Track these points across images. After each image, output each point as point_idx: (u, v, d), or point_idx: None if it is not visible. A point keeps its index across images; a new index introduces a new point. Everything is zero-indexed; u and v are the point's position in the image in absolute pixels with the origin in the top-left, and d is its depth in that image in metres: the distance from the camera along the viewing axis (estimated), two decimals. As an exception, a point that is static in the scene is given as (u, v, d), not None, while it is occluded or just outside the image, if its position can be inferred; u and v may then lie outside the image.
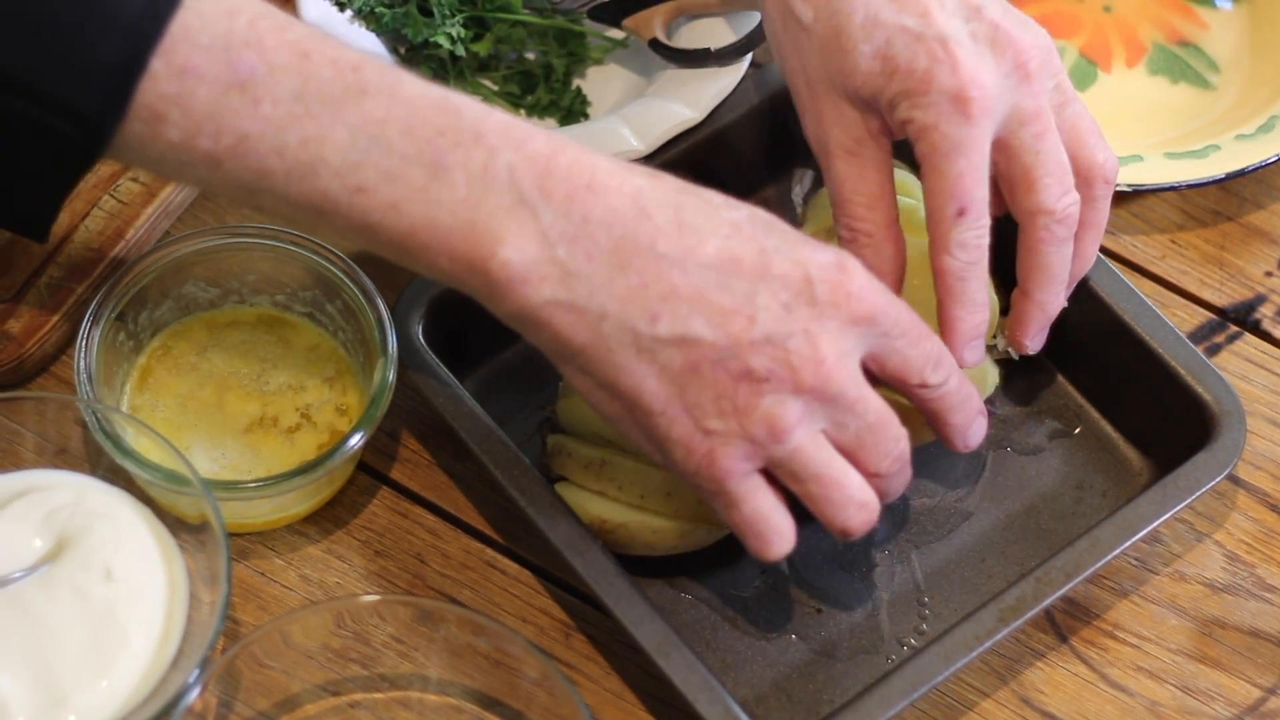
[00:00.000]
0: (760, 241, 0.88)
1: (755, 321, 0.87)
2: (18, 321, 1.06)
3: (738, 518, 0.90)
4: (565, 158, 0.87)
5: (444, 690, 1.00)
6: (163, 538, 1.00)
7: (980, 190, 0.95)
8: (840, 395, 0.88)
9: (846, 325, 0.88)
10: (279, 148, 0.85)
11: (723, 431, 0.87)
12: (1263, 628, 1.05)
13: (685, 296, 0.87)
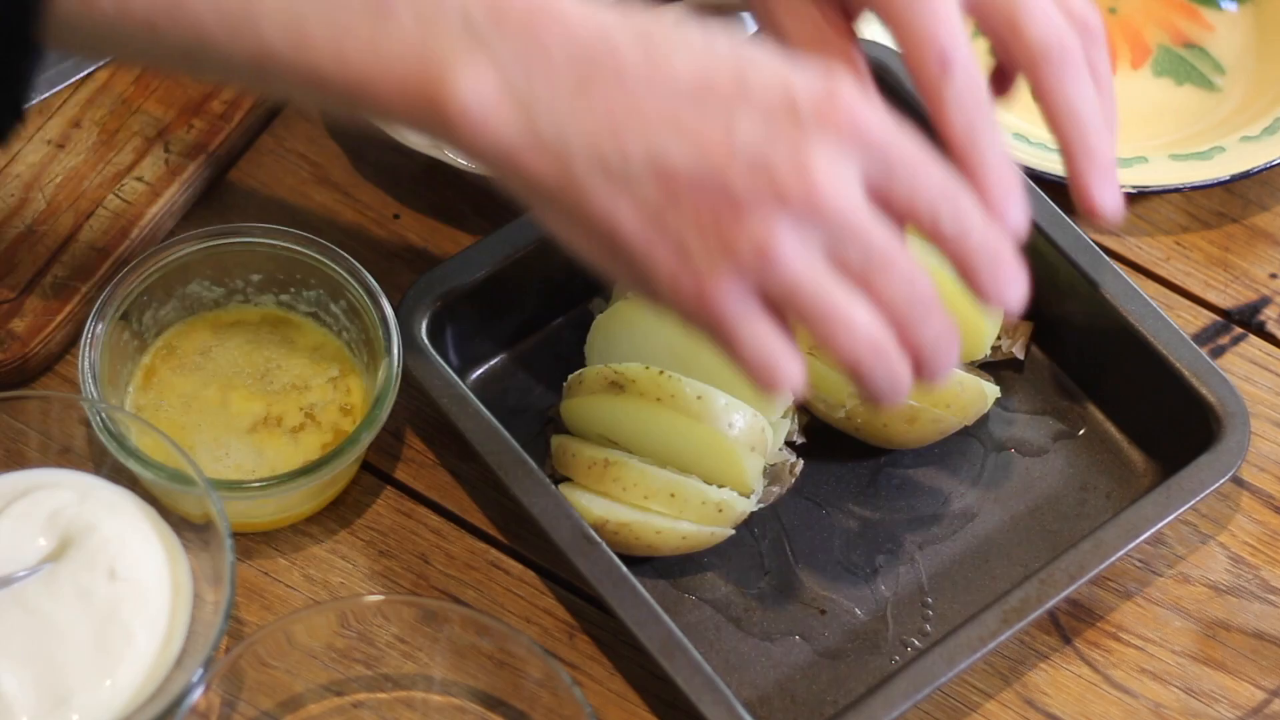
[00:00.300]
0: (738, 61, 0.81)
1: (734, 143, 0.80)
2: (22, 320, 1.06)
3: (739, 352, 0.83)
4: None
5: (448, 690, 1.00)
6: (167, 537, 1.00)
7: (961, 37, 0.87)
8: (836, 213, 0.80)
9: (837, 144, 0.81)
10: (215, 3, 0.81)
11: (709, 262, 0.81)
12: (1267, 630, 1.05)
13: (657, 123, 0.80)
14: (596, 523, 1.00)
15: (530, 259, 1.07)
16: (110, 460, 1.01)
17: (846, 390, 1.04)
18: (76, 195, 1.10)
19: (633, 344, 1.04)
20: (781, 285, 0.81)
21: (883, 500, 1.07)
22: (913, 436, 1.05)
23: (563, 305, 1.10)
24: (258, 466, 1.02)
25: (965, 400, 1.05)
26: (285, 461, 1.02)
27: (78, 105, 1.13)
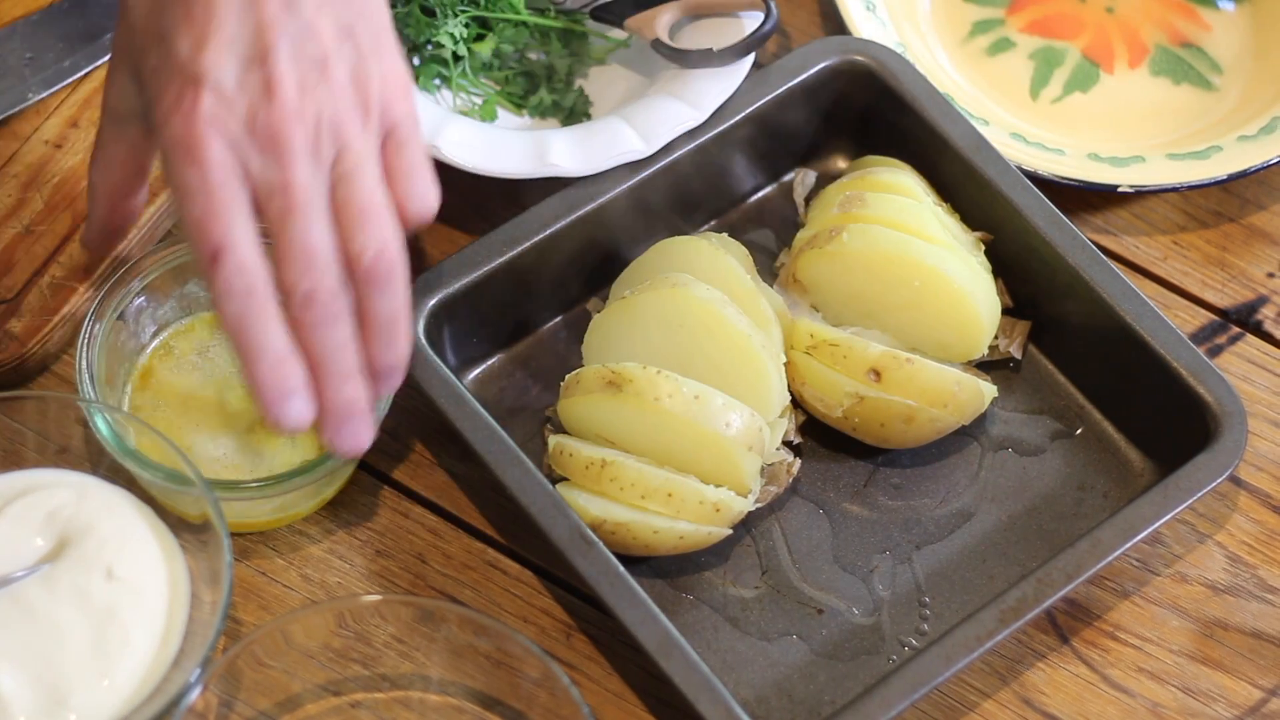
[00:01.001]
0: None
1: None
2: (19, 321, 1.06)
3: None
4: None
5: (445, 690, 1.00)
6: (164, 537, 1.00)
7: (234, 231, 0.87)
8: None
9: None
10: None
11: None
12: (1264, 629, 1.05)
13: None
14: (594, 522, 1.00)
15: (528, 259, 1.07)
16: (108, 460, 1.01)
17: (843, 390, 1.04)
18: (74, 196, 1.10)
19: (630, 344, 1.04)
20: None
21: (880, 500, 1.07)
22: (910, 436, 1.05)
23: (560, 305, 1.11)
24: (255, 467, 1.02)
25: (962, 400, 1.05)
26: (283, 461, 1.03)
27: (75, 105, 1.13)
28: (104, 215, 1.01)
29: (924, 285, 1.05)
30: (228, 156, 0.88)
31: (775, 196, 1.16)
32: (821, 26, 1.22)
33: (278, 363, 0.88)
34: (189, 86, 0.88)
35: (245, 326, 0.88)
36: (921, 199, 1.09)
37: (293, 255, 0.88)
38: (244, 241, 0.88)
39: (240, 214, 0.88)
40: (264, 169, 0.88)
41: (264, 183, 0.88)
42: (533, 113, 1.16)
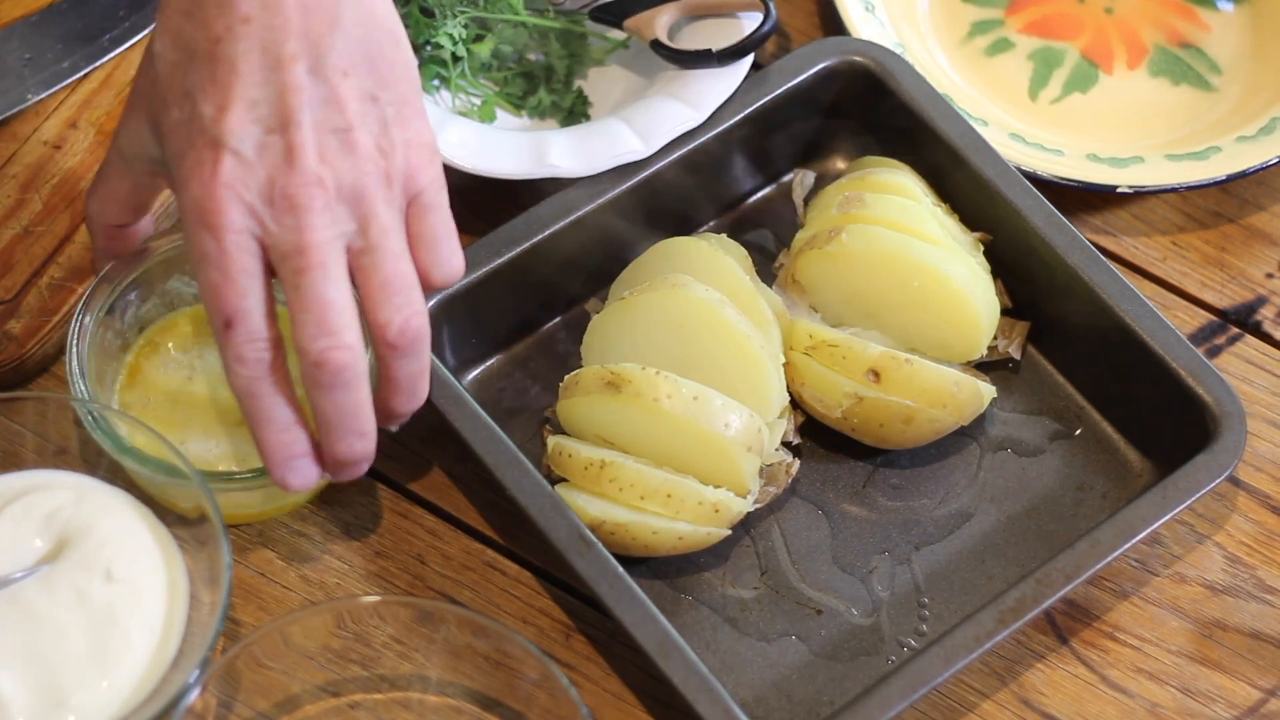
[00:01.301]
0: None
1: None
2: (18, 322, 1.06)
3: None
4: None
5: (444, 691, 1.00)
6: (163, 538, 1.00)
7: (247, 300, 0.89)
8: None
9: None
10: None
11: None
12: (1263, 629, 1.05)
13: None
14: (593, 523, 1.00)
15: (527, 260, 1.07)
16: (106, 461, 1.01)
17: (842, 391, 1.04)
18: (73, 196, 1.10)
19: (629, 344, 1.04)
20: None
21: (879, 500, 1.07)
22: (909, 437, 1.05)
23: (559, 306, 1.11)
24: (248, 457, 1.02)
25: (961, 400, 1.05)
26: None
27: (74, 106, 1.13)
28: (104, 245, 1.01)
29: (923, 286, 1.05)
30: (246, 222, 0.88)
31: (774, 197, 1.16)
32: (820, 27, 1.22)
33: (284, 431, 0.91)
34: (209, 149, 0.88)
35: (255, 394, 0.90)
36: (920, 199, 1.09)
37: (308, 315, 0.89)
38: (256, 310, 0.89)
39: (254, 282, 0.89)
40: (281, 232, 0.88)
41: (280, 245, 0.89)
42: (532, 113, 1.16)
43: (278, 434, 0.91)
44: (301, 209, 0.88)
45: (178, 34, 0.90)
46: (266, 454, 0.92)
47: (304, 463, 0.92)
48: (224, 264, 0.88)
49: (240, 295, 0.89)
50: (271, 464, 0.92)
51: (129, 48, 1.15)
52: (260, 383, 0.90)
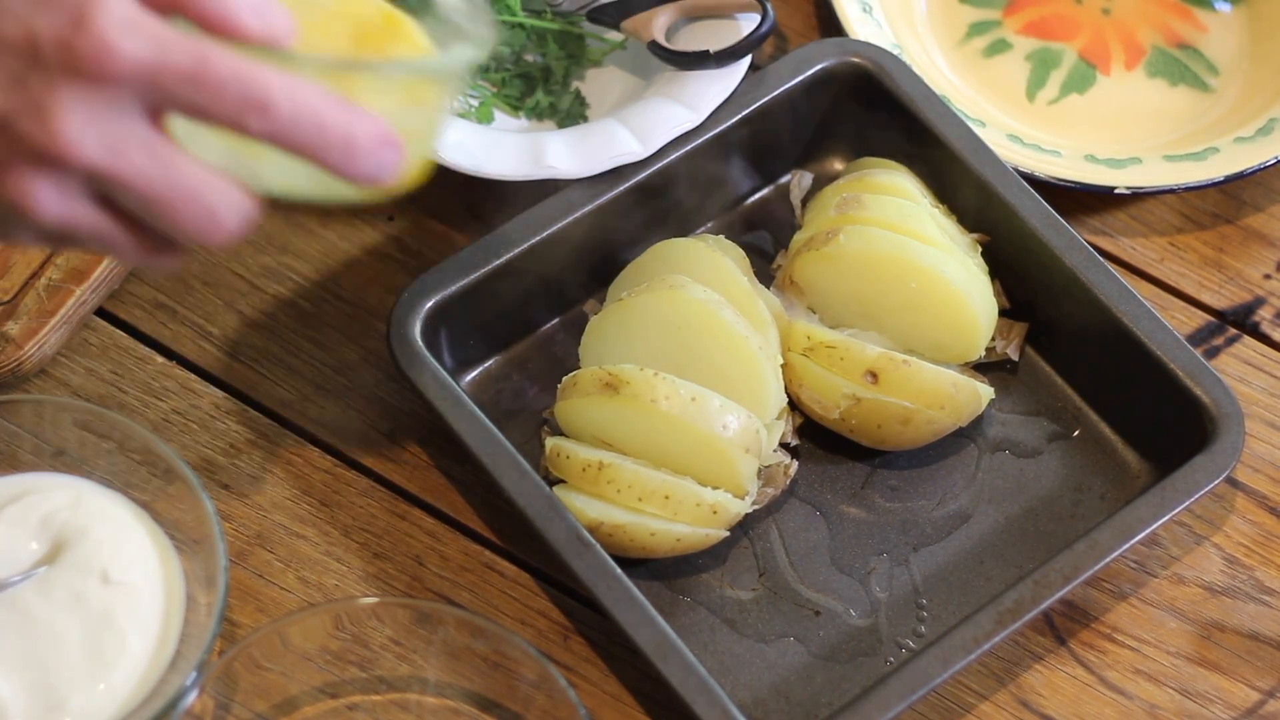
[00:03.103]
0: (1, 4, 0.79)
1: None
2: (16, 324, 1.06)
3: (91, 250, 0.84)
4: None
5: (442, 692, 1.00)
6: (159, 540, 1.00)
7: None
8: (91, 167, 0.78)
9: (88, 88, 0.77)
10: None
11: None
12: (1261, 630, 1.05)
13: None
14: (591, 525, 1.00)
15: (525, 261, 1.07)
16: (103, 464, 1.01)
17: (840, 392, 1.04)
18: (70, 198, 1.10)
19: (627, 346, 1.04)
20: (52, 232, 0.81)
21: (877, 501, 1.07)
22: (907, 438, 1.05)
23: (557, 307, 1.11)
24: None
25: (959, 401, 1.05)
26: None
27: (71, 108, 1.13)
28: None
29: (921, 287, 1.05)
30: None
31: (772, 198, 1.15)
32: (818, 28, 1.22)
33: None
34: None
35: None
36: (918, 201, 1.09)
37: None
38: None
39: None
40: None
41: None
42: (529, 115, 1.15)
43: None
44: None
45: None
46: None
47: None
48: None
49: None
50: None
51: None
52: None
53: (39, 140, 0.78)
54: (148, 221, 0.81)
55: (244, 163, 0.83)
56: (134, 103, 0.79)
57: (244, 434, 1.07)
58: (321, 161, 0.81)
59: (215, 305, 1.10)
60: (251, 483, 1.06)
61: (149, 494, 1.01)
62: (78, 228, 0.81)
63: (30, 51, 0.78)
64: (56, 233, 0.81)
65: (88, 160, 0.78)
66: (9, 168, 0.79)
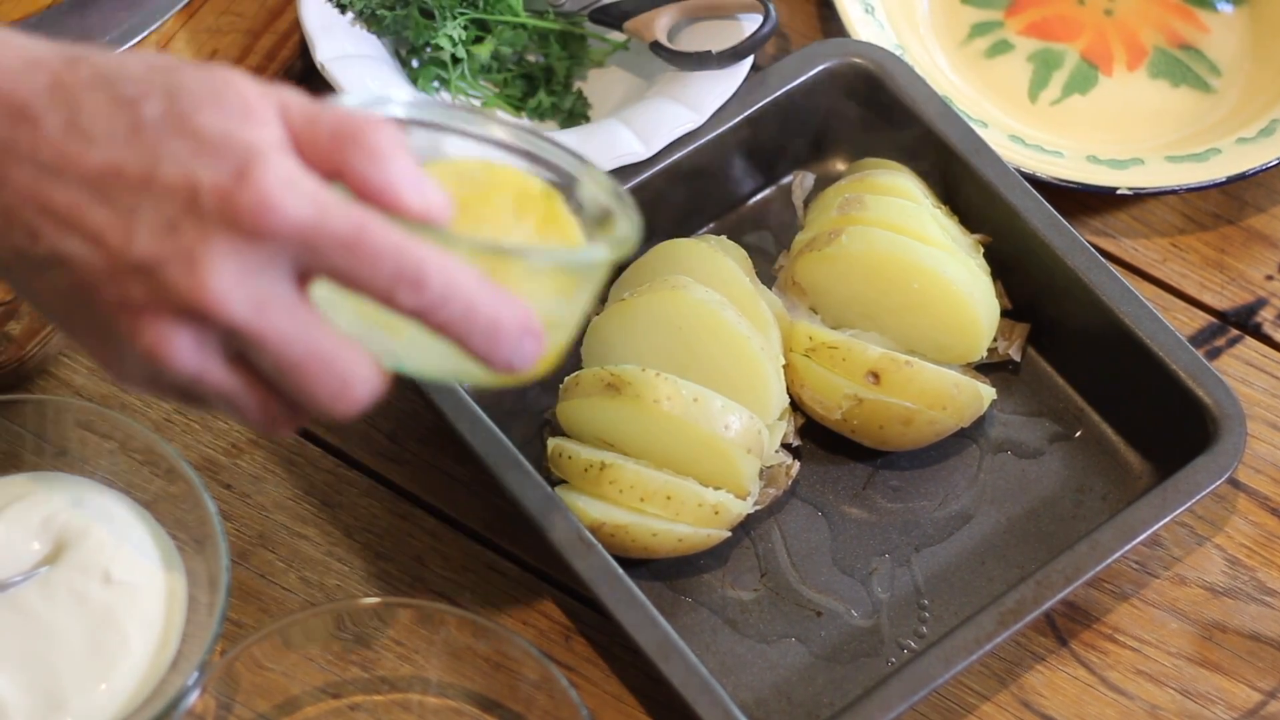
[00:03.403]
0: (159, 147, 0.77)
1: (131, 243, 0.77)
2: (18, 324, 1.06)
3: (212, 412, 0.83)
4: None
5: (444, 693, 1.00)
6: (161, 540, 1.00)
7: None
8: (232, 325, 0.77)
9: (243, 243, 0.76)
10: None
11: (120, 359, 0.79)
12: (1263, 631, 1.05)
13: (61, 213, 0.77)
14: (593, 525, 1.00)
15: (526, 261, 1.07)
16: (105, 464, 1.01)
17: (842, 393, 1.04)
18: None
19: (629, 346, 1.04)
20: (182, 387, 0.80)
21: (879, 502, 1.07)
22: (909, 438, 1.05)
23: (559, 307, 1.10)
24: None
25: (961, 402, 1.05)
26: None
27: (74, 108, 1.13)
28: None
29: (923, 288, 1.05)
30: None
31: (774, 199, 1.15)
32: (820, 29, 1.22)
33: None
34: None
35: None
36: (920, 201, 1.09)
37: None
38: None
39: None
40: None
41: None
42: (531, 115, 1.15)
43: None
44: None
45: None
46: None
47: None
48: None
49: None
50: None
51: (128, 49, 1.15)
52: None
53: (186, 290, 0.77)
54: (279, 386, 0.79)
55: (378, 336, 0.83)
56: (285, 263, 0.78)
57: (246, 434, 1.07)
58: (465, 344, 0.80)
59: (217, 305, 1.10)
60: (253, 483, 1.06)
61: (151, 494, 1.01)
62: (207, 385, 0.79)
63: (189, 199, 0.77)
64: (184, 386, 0.79)
65: (233, 317, 0.77)
66: (150, 314, 0.77)
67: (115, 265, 0.77)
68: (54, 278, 0.78)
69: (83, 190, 0.78)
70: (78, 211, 0.77)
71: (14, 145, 0.78)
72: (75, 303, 0.79)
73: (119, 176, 0.77)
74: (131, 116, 0.78)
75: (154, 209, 0.77)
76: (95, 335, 0.79)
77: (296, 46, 1.16)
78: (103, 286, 0.77)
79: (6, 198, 0.78)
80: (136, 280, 0.77)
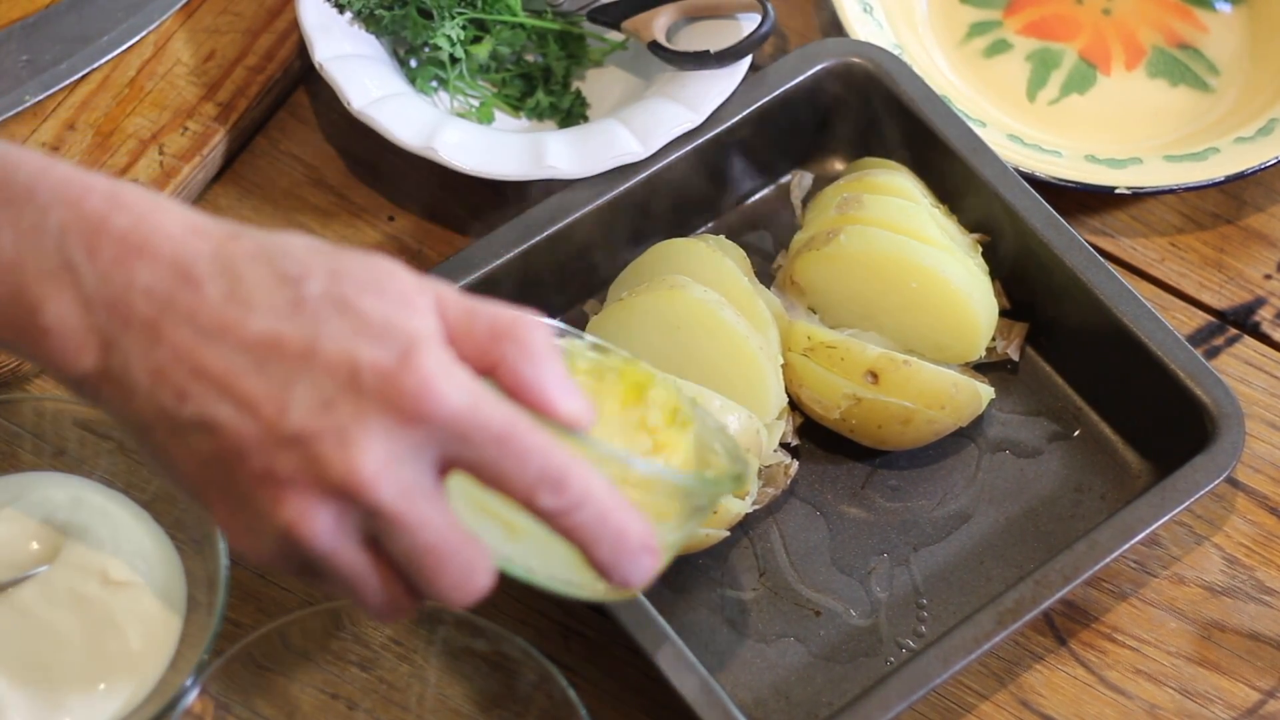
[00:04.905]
0: (320, 324, 0.78)
1: (285, 415, 0.77)
2: (16, 323, 1.06)
3: (327, 590, 0.83)
4: (124, 217, 0.79)
5: (442, 693, 1.00)
6: (160, 539, 1.00)
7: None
8: (378, 506, 0.77)
9: (397, 425, 0.77)
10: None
11: (257, 530, 0.79)
12: (1262, 630, 1.05)
13: (214, 378, 0.78)
14: (591, 525, 1.00)
15: (524, 261, 1.07)
16: (104, 463, 1.01)
17: (841, 392, 1.04)
18: (71, 198, 1.09)
19: (627, 345, 1.04)
20: (313, 563, 0.79)
21: (877, 501, 1.07)
22: (907, 438, 1.05)
23: (557, 307, 1.10)
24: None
25: (960, 402, 1.05)
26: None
27: (72, 108, 1.13)
28: None
29: (921, 287, 1.05)
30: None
31: (772, 198, 1.15)
32: (818, 28, 1.22)
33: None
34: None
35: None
36: (919, 201, 1.09)
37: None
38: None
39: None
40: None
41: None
42: (530, 115, 1.15)
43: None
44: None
45: None
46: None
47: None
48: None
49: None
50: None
51: (127, 49, 1.15)
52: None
53: (340, 467, 0.77)
54: (406, 571, 0.80)
55: (495, 535, 0.84)
56: (432, 450, 0.78)
57: (244, 434, 1.07)
58: (590, 552, 0.81)
59: (216, 305, 1.10)
60: (252, 483, 1.05)
61: (150, 494, 1.01)
62: (337, 564, 0.79)
63: (349, 376, 0.77)
64: (313, 563, 0.79)
65: (380, 499, 0.77)
66: (295, 489, 0.77)
67: (267, 435, 0.77)
68: (196, 442, 0.78)
69: (240, 357, 0.78)
70: (233, 377, 0.78)
71: (174, 305, 0.78)
72: (215, 470, 0.79)
73: (278, 347, 0.78)
74: (294, 292, 0.79)
75: (311, 383, 0.77)
76: (229, 504, 0.79)
77: (295, 46, 1.16)
78: (250, 456, 0.77)
79: (160, 357, 0.78)
80: (287, 452, 0.77)
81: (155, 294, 0.78)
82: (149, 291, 0.79)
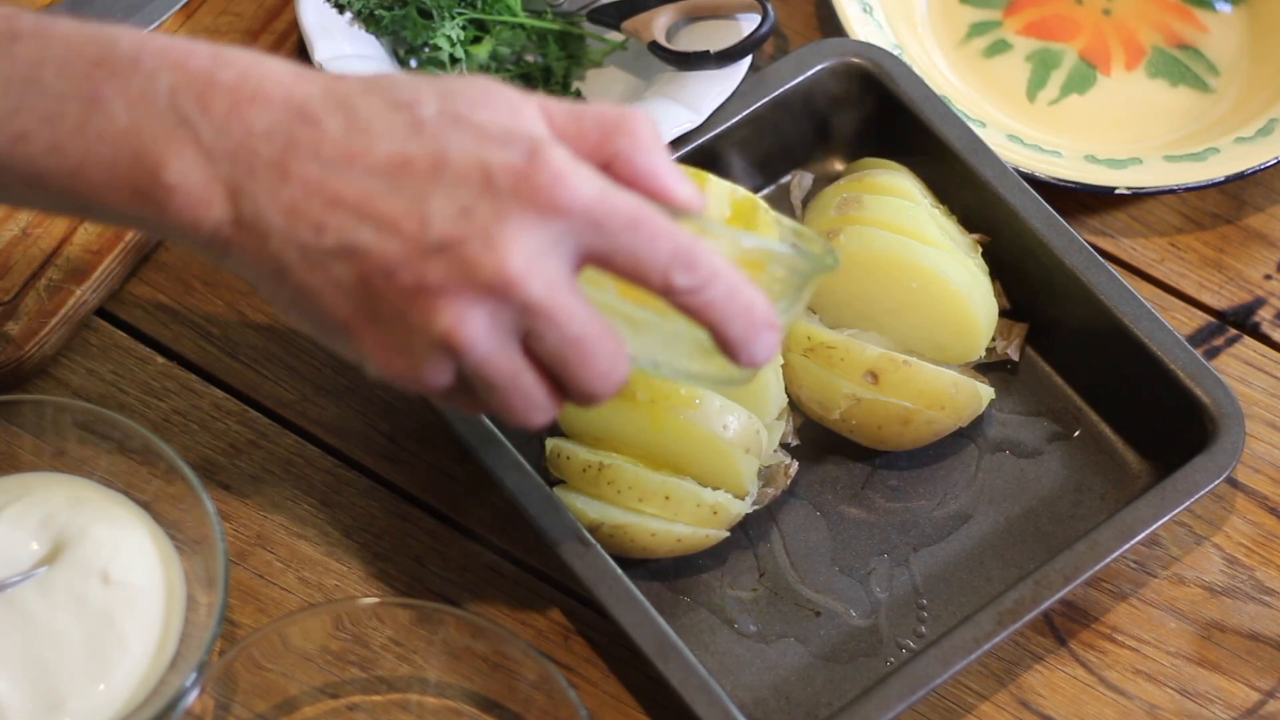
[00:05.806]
0: (443, 139, 0.80)
1: (427, 227, 0.79)
2: (16, 324, 1.06)
3: (465, 411, 0.85)
4: (230, 71, 0.81)
5: (443, 693, 1.00)
6: (160, 540, 1.00)
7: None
8: (529, 301, 0.79)
9: (537, 220, 0.79)
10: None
11: (409, 348, 0.81)
12: (1262, 631, 1.05)
13: (350, 205, 0.80)
14: (591, 525, 1.00)
15: (525, 261, 1.07)
16: (104, 464, 1.01)
17: (841, 392, 1.04)
18: (71, 198, 1.10)
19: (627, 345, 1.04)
20: (471, 370, 0.81)
21: (877, 502, 1.07)
22: (907, 438, 1.05)
23: (557, 307, 1.10)
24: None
25: (960, 402, 1.05)
26: None
27: (72, 108, 1.13)
28: None
29: (921, 287, 1.05)
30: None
31: (772, 199, 1.15)
32: (818, 29, 1.22)
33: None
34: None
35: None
36: (919, 201, 1.09)
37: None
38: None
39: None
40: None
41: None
42: (530, 115, 1.15)
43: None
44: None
45: None
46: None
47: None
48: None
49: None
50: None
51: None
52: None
53: (489, 266, 0.79)
54: (555, 367, 0.82)
55: (620, 328, 0.85)
56: (570, 242, 0.80)
57: (244, 434, 1.07)
58: (722, 330, 0.82)
59: (215, 305, 1.10)
60: (252, 483, 1.06)
61: (149, 494, 1.01)
62: (493, 370, 0.81)
63: (483, 181, 0.79)
64: (470, 371, 0.81)
65: (530, 292, 0.79)
66: (448, 295, 0.79)
67: (412, 249, 0.79)
68: (339, 271, 0.80)
69: (372, 180, 0.80)
70: (368, 201, 0.80)
71: (297, 143, 0.81)
72: (361, 296, 0.80)
73: (407, 166, 0.80)
74: (410, 115, 0.81)
75: (447, 194, 0.79)
76: (379, 328, 0.81)
77: (295, 47, 1.16)
78: (398, 272, 0.79)
79: (291, 194, 0.80)
80: (435, 262, 0.79)
81: (275, 136, 0.81)
82: (269, 134, 0.81)
